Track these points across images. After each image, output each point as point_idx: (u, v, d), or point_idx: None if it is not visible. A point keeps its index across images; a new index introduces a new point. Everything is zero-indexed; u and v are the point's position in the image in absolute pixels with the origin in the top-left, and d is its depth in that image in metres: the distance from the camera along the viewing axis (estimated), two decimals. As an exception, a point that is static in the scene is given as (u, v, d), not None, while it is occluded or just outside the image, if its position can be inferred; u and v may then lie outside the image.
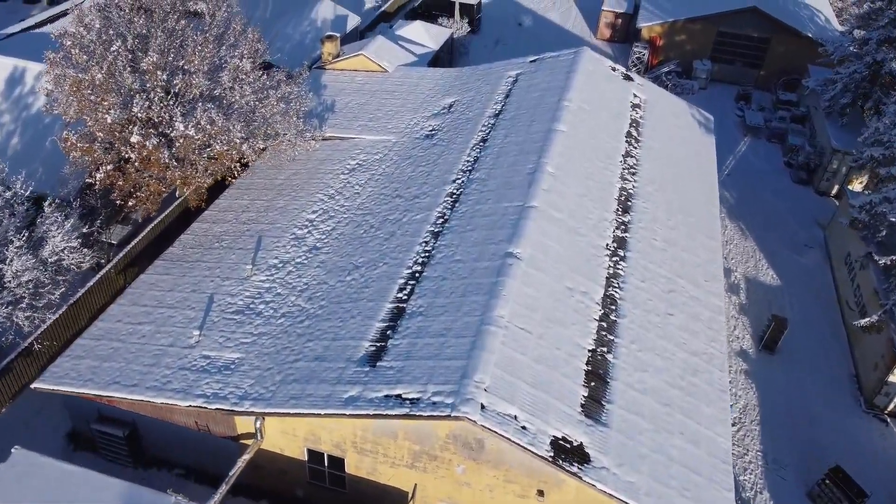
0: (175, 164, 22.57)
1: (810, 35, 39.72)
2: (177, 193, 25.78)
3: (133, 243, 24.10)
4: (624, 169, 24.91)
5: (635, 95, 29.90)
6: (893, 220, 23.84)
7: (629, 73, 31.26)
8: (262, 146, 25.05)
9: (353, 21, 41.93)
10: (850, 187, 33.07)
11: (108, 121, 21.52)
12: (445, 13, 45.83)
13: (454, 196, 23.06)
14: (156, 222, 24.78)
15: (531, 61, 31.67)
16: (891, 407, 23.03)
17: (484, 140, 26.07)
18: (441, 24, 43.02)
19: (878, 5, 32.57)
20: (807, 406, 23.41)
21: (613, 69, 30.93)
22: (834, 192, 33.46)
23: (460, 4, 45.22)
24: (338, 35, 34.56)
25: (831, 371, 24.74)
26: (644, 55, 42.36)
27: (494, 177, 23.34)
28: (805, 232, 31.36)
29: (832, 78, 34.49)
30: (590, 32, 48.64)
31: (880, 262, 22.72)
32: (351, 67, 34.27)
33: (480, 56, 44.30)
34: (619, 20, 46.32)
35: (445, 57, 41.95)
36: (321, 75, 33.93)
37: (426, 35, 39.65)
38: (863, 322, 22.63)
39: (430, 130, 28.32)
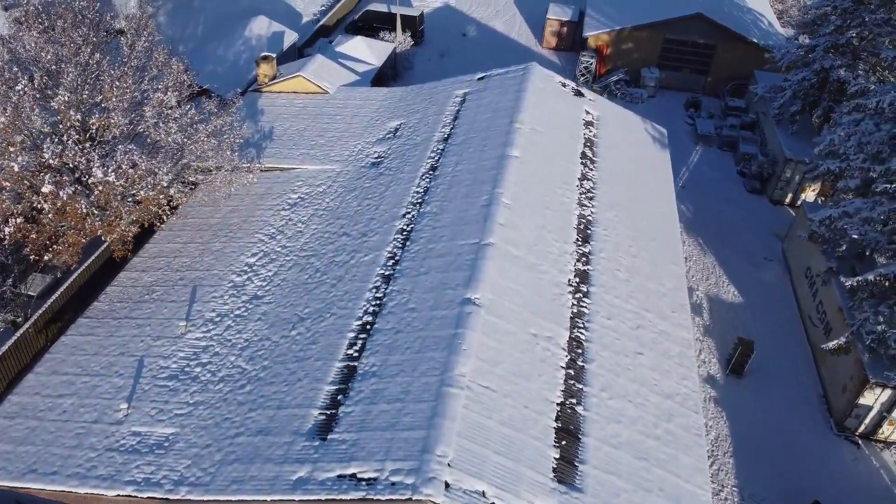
0: (95, 211, 20.46)
1: (756, 41, 39.55)
2: (103, 237, 23.60)
3: (53, 298, 21.86)
4: (581, 194, 23.81)
5: (587, 112, 28.90)
6: (854, 236, 23.36)
7: (580, 89, 30.27)
8: (192, 186, 23.09)
9: (291, 38, 39.99)
10: (803, 195, 32.90)
11: (16, 169, 19.31)
12: (387, 26, 44.27)
13: (405, 233, 21.55)
14: (78, 273, 22.58)
15: (479, 79, 30.40)
16: (861, 429, 22.50)
17: (433, 168, 24.63)
18: (383, 39, 41.43)
19: (824, 11, 32.37)
20: (778, 432, 22.70)
21: (564, 85, 29.89)
22: (788, 200, 33.16)
23: (402, 17, 43.72)
24: (273, 56, 32.65)
25: (800, 392, 24.14)
26: (591, 64, 41.60)
27: (447, 210, 21.93)
28: (763, 244, 30.90)
29: (781, 85, 34.23)
30: (535, 41, 47.73)
31: (846, 283, 22.13)
32: (289, 89, 32.42)
33: (425, 70, 42.92)
34: (565, 28, 45.51)
35: (389, 72, 40.40)
36: (257, 99, 31.99)
37: (368, 51, 38.01)
38: (831, 345, 22.02)
39: (376, 157, 26.74)
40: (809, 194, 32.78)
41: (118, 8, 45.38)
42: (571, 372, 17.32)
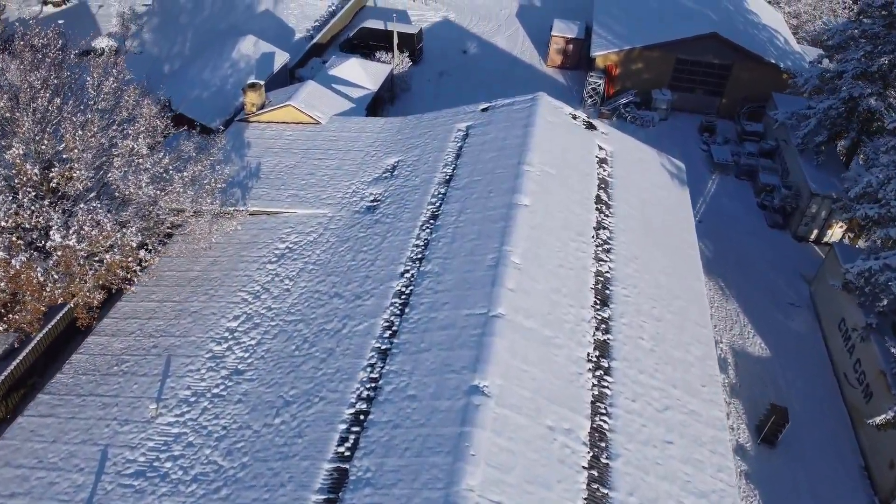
0: (55, 277, 18.22)
1: (773, 61, 37.39)
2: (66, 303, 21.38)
3: (10, 369, 19.60)
4: (598, 246, 21.60)
5: (600, 147, 26.71)
6: (898, 291, 21.21)
7: (591, 121, 28.07)
8: (168, 236, 20.88)
9: (281, 59, 37.73)
10: (830, 232, 30.75)
11: (-37, 231, 17.08)
12: (383, 43, 42.02)
13: (403, 296, 19.32)
14: (39, 337, 20.31)
15: (482, 110, 28.19)
16: (910, 508, 20.35)
17: (434, 216, 22.40)
18: (380, 59, 39.19)
19: (851, 33, 30.22)
20: (817, 512, 20.55)
21: (574, 117, 27.69)
22: (813, 236, 30.98)
23: (400, 35, 41.47)
24: (261, 83, 30.39)
25: (839, 464, 21.94)
26: (600, 85, 39.41)
27: (450, 269, 19.70)
28: (788, 286, 28.71)
29: (804, 113, 32.04)
30: (539, 58, 45.51)
31: (891, 348, 19.96)
32: (279, 119, 30.18)
33: (424, 90, 40.69)
34: (571, 46, 43.30)
35: (386, 95, 38.17)
36: (244, 130, 29.75)
37: (363, 74, 35.78)
38: (878, 420, 19.83)
39: (372, 201, 24.52)
40: (836, 231, 30.63)
41: (100, 27, 43.17)
42: (595, 473, 15.11)
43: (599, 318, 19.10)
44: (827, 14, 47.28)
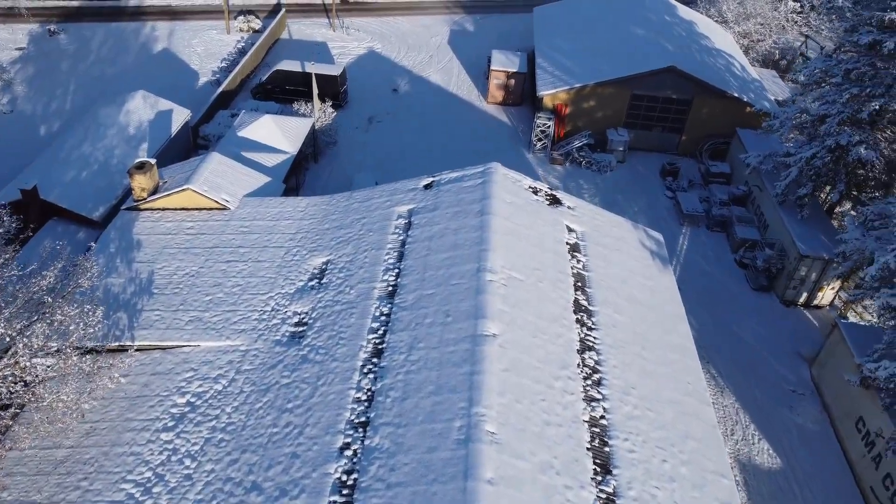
0: None
1: (736, 94, 34.07)
2: None
3: None
4: (586, 379, 17.21)
5: (569, 229, 22.41)
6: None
7: (554, 193, 23.74)
8: (20, 409, 15.42)
9: (181, 117, 32.04)
10: (821, 294, 27.44)
11: None
12: (302, 87, 36.77)
13: (345, 491, 14.42)
14: None
15: (425, 186, 23.48)
16: None
17: (378, 351, 17.58)
18: (298, 110, 33.87)
19: (830, 72, 26.94)
20: None
21: (535, 191, 23.29)
22: (803, 300, 27.61)
23: (320, 77, 36.28)
24: (152, 162, 24.76)
25: None
26: (549, 127, 35.28)
27: (405, 445, 14.90)
28: (786, 368, 25.15)
29: (782, 160, 28.66)
30: (478, 94, 41.09)
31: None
32: (177, 206, 24.68)
33: (352, 141, 35.62)
34: (513, 81, 39.05)
35: (308, 152, 33.00)
36: (133, 221, 24.14)
37: (279, 134, 30.47)
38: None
39: (297, 324, 19.46)
40: (827, 293, 27.34)
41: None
42: None
43: (603, 496, 14.68)
44: (776, 32, 44.63)
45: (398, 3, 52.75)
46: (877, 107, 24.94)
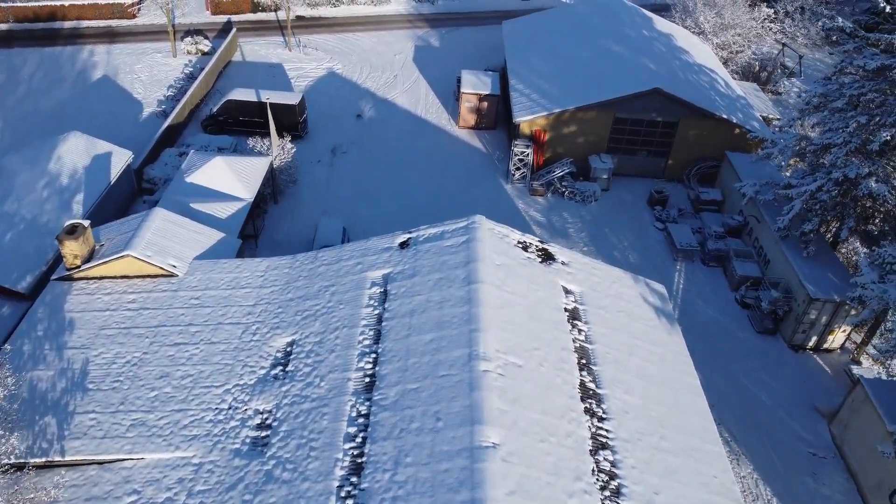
0: None
1: (725, 116, 32.02)
2: None
3: None
4: (606, 496, 14.67)
5: (566, 291, 19.90)
6: None
7: (545, 246, 21.22)
8: None
9: (122, 159, 28.72)
10: (831, 338, 25.45)
11: None
12: (257, 118, 33.67)
13: None
14: None
15: (401, 245, 20.75)
16: None
17: (357, 467, 14.79)
18: (253, 148, 30.73)
19: (833, 97, 24.97)
20: None
21: (525, 246, 20.73)
22: (812, 343, 25.60)
23: (276, 107, 33.19)
24: (85, 224, 21.54)
25: None
26: (527, 155, 32.78)
27: None
28: (803, 426, 23.02)
29: (784, 192, 26.61)
30: (448, 117, 38.40)
31: None
32: (116, 273, 21.54)
33: (315, 178, 32.61)
34: (486, 103, 36.46)
35: (267, 192, 29.95)
36: (65, 295, 20.94)
37: (233, 177, 27.36)
38: None
39: (259, 426, 16.58)
40: (838, 336, 25.37)
41: None
42: None
43: None
44: (755, 43, 42.89)
45: (358, 18, 49.76)
46: (888, 136, 22.95)
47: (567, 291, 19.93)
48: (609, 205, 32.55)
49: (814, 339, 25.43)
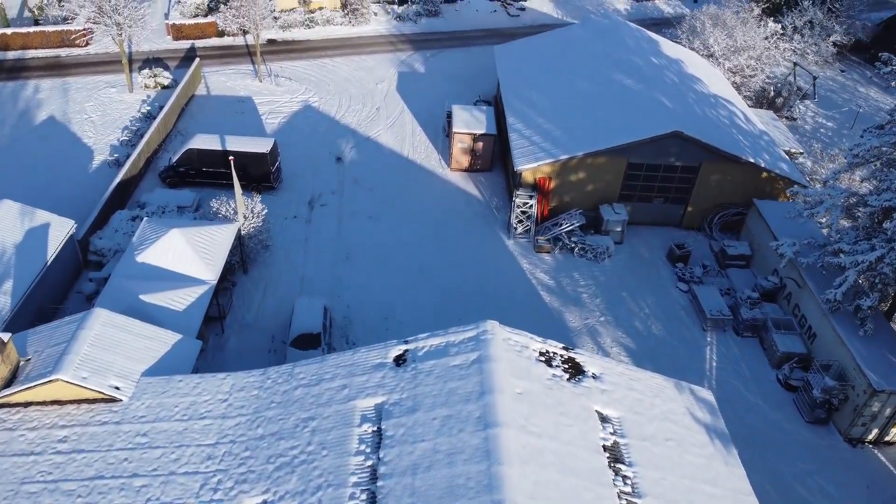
0: None
1: (752, 160, 28.50)
2: None
3: None
4: None
5: (603, 420, 16.17)
6: None
7: (571, 355, 17.48)
8: None
9: (63, 230, 24.54)
10: (894, 430, 21.96)
11: None
12: (221, 168, 29.53)
13: None
14: None
15: (396, 360, 16.88)
16: None
17: None
18: (217, 213, 26.57)
19: (889, 152, 21.52)
20: None
21: (548, 358, 16.97)
22: (872, 436, 22.15)
23: (243, 156, 29.15)
24: (5, 339, 17.37)
25: None
26: (531, 206, 29.02)
27: None
28: (874, 547, 19.60)
29: (835, 260, 23.07)
30: (438, 157, 34.52)
31: None
32: (45, 398, 17.45)
33: (290, 239, 28.58)
34: (481, 144, 32.63)
35: (235, 261, 25.91)
36: (-19, 432, 16.80)
37: (192, 254, 23.17)
38: None
39: None
40: (903, 428, 21.95)
41: None
42: None
43: None
44: (770, 66, 39.47)
45: (334, 41, 45.64)
46: (964, 204, 19.51)
47: (604, 419, 16.20)
48: (624, 261, 28.90)
49: (875, 431, 21.98)
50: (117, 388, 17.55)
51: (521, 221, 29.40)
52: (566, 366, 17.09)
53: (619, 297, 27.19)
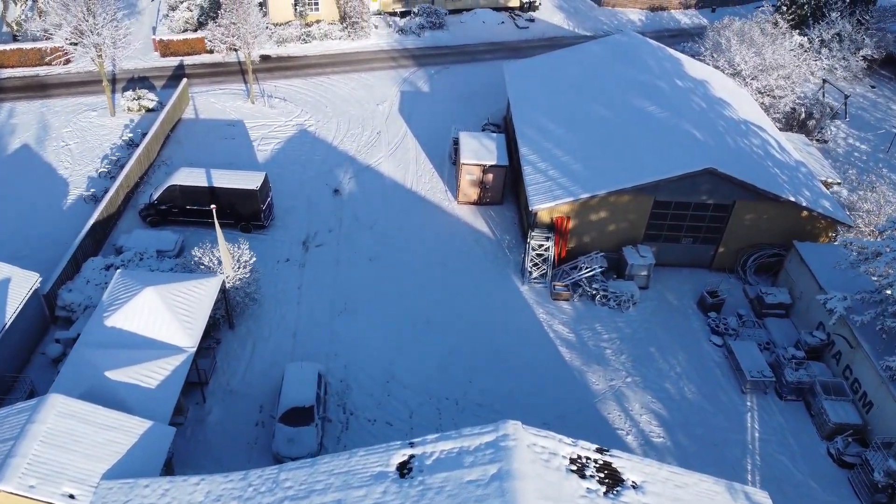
0: None
1: (792, 198, 25.78)
2: None
3: None
4: None
5: (648, 546, 13.49)
6: None
7: (606, 458, 14.79)
8: None
9: (25, 286, 21.92)
10: (969, 521, 19.15)
11: None
12: (206, 206, 26.77)
13: None
14: None
15: (399, 469, 14.23)
16: None
17: None
18: (199, 262, 23.80)
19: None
20: None
21: (580, 467, 14.28)
22: (941, 526, 19.46)
23: (232, 193, 26.57)
24: (-60, 440, 14.79)
25: None
26: (548, 249, 26.33)
27: None
28: None
29: (893, 322, 20.37)
30: (444, 188, 31.81)
31: None
32: (-14, 510, 14.81)
33: (282, 287, 25.87)
34: (491, 175, 29.93)
35: (219, 316, 23.26)
36: None
37: (169, 316, 20.40)
38: None
39: None
40: (978, 517, 19.22)
41: None
42: None
43: None
44: (799, 85, 36.72)
45: (332, 57, 42.91)
46: None
47: (648, 545, 13.53)
48: (650, 310, 26.18)
49: (945, 521, 19.29)
50: (72, 497, 14.93)
51: (536, 265, 26.71)
52: (602, 475, 14.40)
53: (647, 352, 24.48)
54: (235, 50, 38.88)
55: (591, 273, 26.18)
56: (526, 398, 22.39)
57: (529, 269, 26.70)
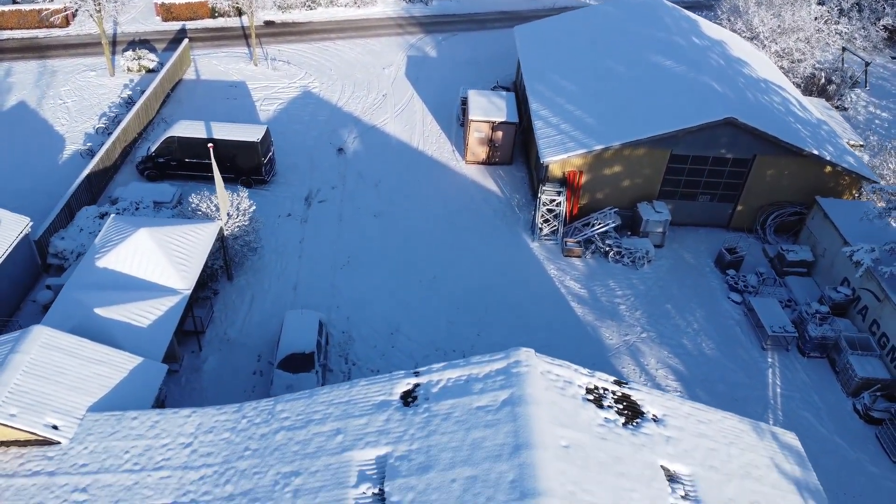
0: None
1: (815, 152, 24.69)
2: None
3: None
4: None
5: (672, 479, 12.48)
6: None
7: (626, 391, 13.79)
8: None
9: (15, 229, 20.99)
10: None
11: None
12: (205, 158, 25.86)
13: None
14: None
15: (403, 398, 13.25)
16: None
17: None
18: (197, 208, 22.86)
19: None
20: None
21: (597, 397, 13.29)
22: (977, 484, 18.36)
23: (233, 145, 25.66)
24: (-85, 366, 13.91)
25: None
26: (559, 204, 25.33)
27: None
28: None
29: (929, 269, 19.33)
30: (451, 148, 30.80)
31: None
32: (-36, 441, 13.92)
33: (283, 242, 24.93)
34: (500, 133, 28.92)
35: (218, 266, 22.32)
36: None
37: (164, 258, 19.48)
38: None
39: None
40: None
41: None
42: None
43: None
44: (819, 49, 35.59)
45: (338, 23, 42.00)
46: None
47: (672, 478, 12.50)
48: (666, 267, 25.15)
49: (981, 478, 18.20)
50: (55, 428, 14.02)
51: (547, 221, 25.70)
52: (620, 406, 13.40)
53: (663, 309, 23.43)
54: (240, 13, 37.88)
55: (604, 228, 25.14)
56: (537, 351, 21.35)
57: (540, 226, 25.69)
